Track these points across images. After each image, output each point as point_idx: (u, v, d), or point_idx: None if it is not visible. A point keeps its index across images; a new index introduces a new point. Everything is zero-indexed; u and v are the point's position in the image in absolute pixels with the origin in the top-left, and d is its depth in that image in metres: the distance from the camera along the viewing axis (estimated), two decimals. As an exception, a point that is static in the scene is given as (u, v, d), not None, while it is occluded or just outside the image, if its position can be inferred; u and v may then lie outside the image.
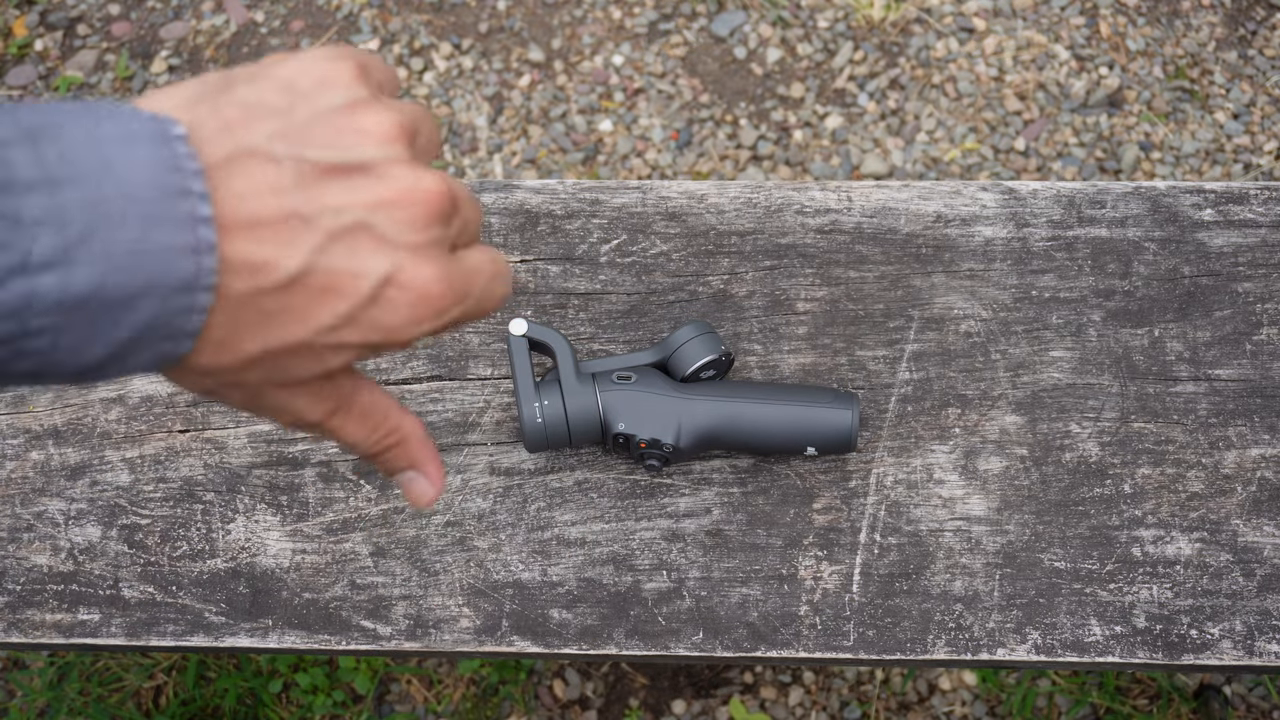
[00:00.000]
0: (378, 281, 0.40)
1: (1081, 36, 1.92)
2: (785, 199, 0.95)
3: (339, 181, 0.40)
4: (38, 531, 0.87)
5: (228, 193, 0.38)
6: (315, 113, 0.40)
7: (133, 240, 0.36)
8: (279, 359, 0.41)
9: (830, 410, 0.81)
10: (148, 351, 0.38)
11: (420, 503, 0.49)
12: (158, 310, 0.37)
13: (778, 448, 0.82)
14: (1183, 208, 0.94)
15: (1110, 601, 0.83)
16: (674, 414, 0.80)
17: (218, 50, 1.95)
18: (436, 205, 0.41)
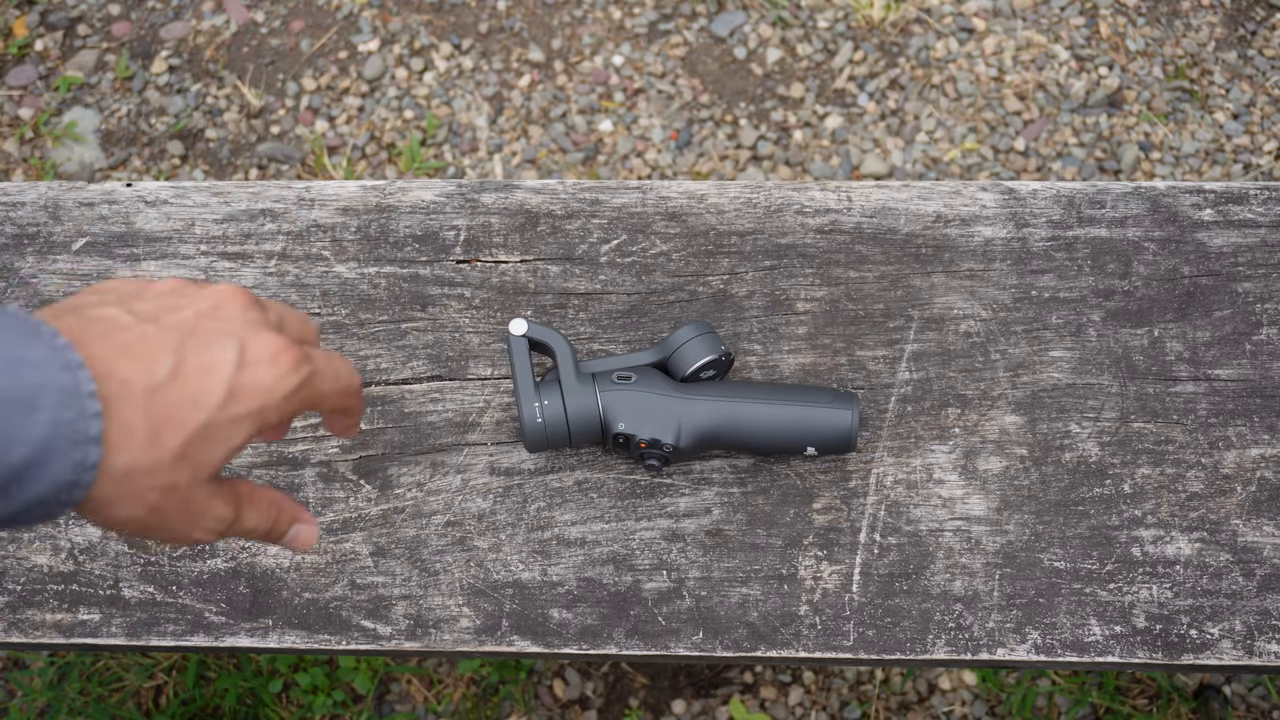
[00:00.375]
0: (236, 354, 0.50)
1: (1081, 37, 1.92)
2: (785, 199, 0.95)
3: (171, 302, 0.51)
4: (38, 531, 0.87)
5: (89, 336, 0.48)
6: (157, 294, 0.52)
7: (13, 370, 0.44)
8: (195, 445, 0.49)
9: (830, 410, 0.81)
10: (64, 459, 0.45)
11: (310, 542, 0.59)
12: (55, 413, 0.45)
13: (778, 448, 0.83)
14: (1182, 208, 0.94)
15: (1110, 601, 0.83)
16: (674, 414, 0.80)
17: (218, 50, 1.95)
18: (244, 296, 0.53)
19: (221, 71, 1.93)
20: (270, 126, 1.90)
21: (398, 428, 0.88)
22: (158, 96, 1.92)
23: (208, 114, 1.90)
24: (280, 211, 0.96)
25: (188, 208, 0.96)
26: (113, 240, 0.95)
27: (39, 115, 1.91)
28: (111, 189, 0.97)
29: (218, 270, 0.93)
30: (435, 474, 0.87)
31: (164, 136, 1.89)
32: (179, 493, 0.50)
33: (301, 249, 0.94)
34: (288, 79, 1.92)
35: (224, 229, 0.95)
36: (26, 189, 0.98)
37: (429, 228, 0.94)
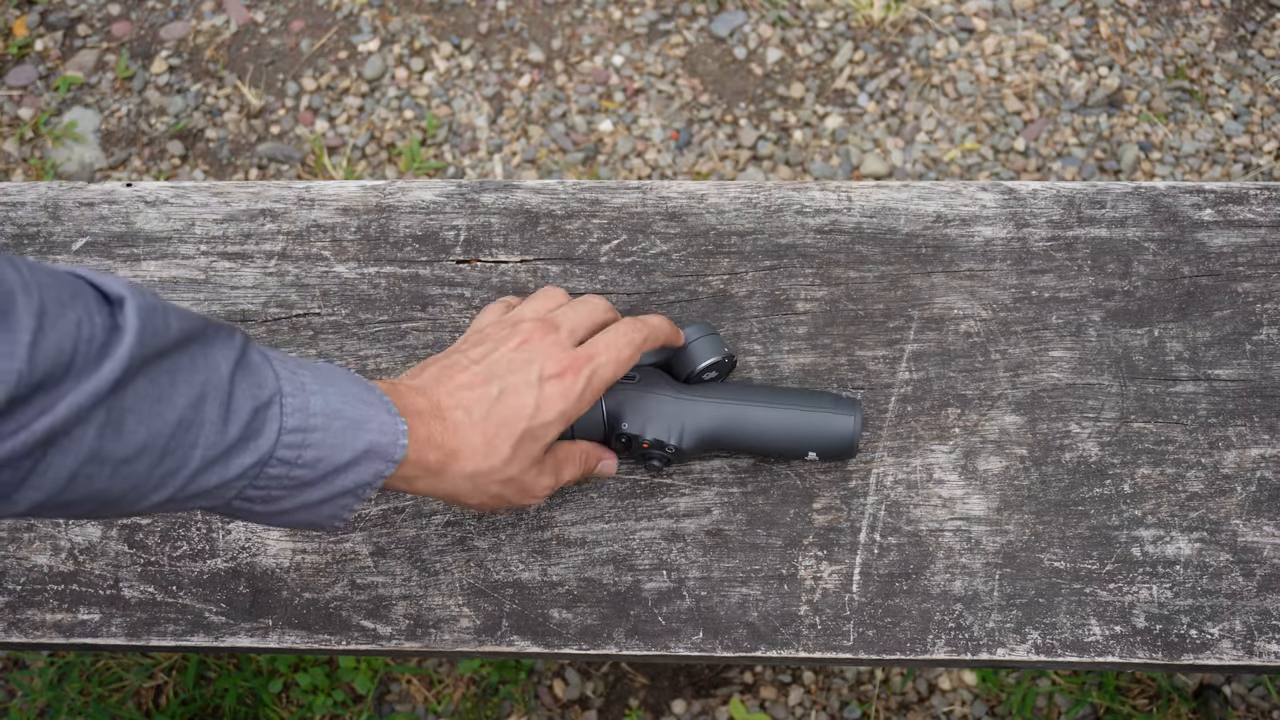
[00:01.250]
0: (536, 376, 0.72)
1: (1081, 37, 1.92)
2: (785, 199, 0.95)
3: (494, 340, 0.74)
4: (38, 531, 0.87)
5: (437, 389, 0.71)
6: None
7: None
8: (521, 446, 0.71)
9: (833, 417, 0.81)
10: (370, 467, 0.64)
11: (612, 471, 0.82)
12: (377, 436, 0.64)
13: (779, 452, 0.83)
14: (1182, 208, 0.94)
15: (1110, 601, 0.83)
16: (677, 416, 0.80)
17: (218, 50, 1.95)
18: (540, 327, 0.74)
19: (221, 71, 1.93)
20: (270, 126, 1.90)
21: (398, 428, 0.88)
22: (158, 96, 1.92)
23: (208, 114, 1.90)
24: (280, 211, 0.96)
25: (188, 208, 0.96)
26: (113, 240, 0.95)
27: (39, 115, 1.91)
28: (111, 189, 0.97)
29: (217, 270, 0.94)
30: (435, 474, 0.87)
31: (164, 136, 1.89)
32: (515, 481, 0.72)
33: (301, 249, 0.94)
34: (288, 79, 1.92)
35: (224, 229, 0.95)
36: (26, 189, 0.98)
37: (429, 228, 0.94)
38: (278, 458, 0.60)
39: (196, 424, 0.57)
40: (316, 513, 0.64)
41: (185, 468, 0.57)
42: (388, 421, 0.65)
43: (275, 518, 0.64)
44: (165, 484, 0.57)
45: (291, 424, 0.60)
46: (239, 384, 0.59)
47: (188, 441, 0.56)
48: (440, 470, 0.69)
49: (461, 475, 0.69)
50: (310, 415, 0.61)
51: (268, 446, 0.59)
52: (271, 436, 0.60)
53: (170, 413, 0.55)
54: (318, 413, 0.62)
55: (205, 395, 0.57)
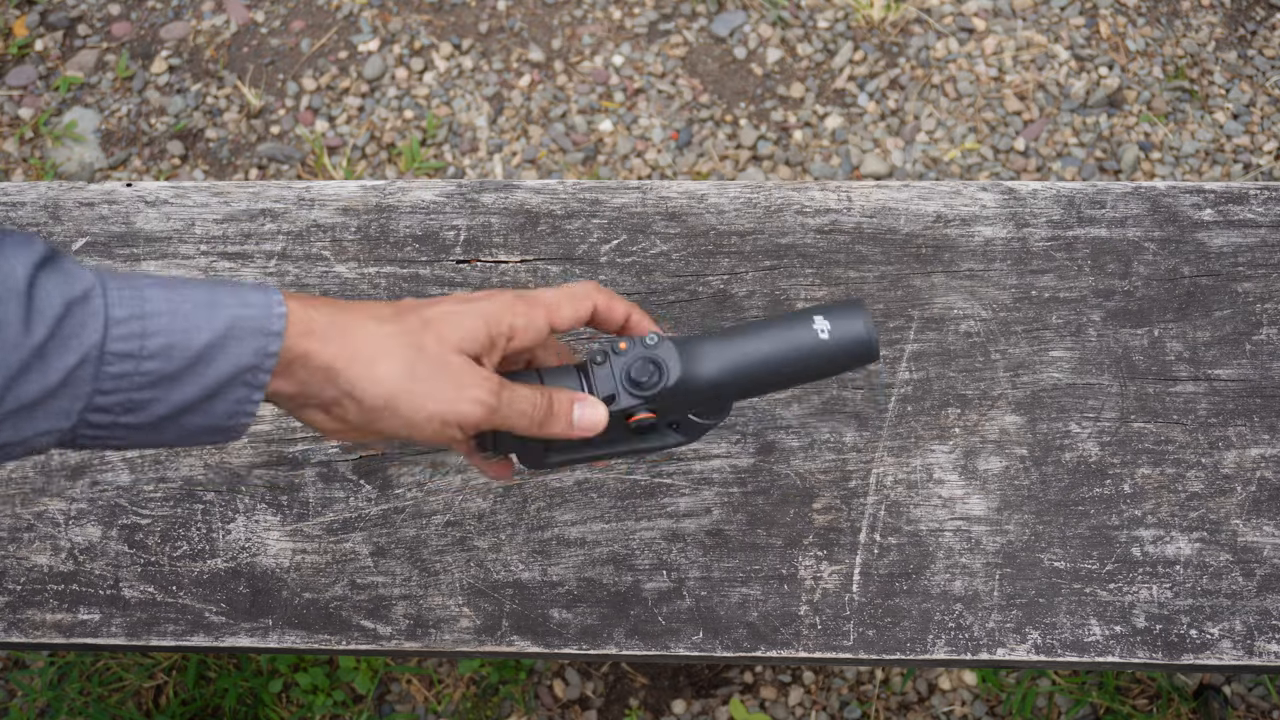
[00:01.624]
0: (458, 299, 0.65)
1: (1081, 37, 1.92)
2: (785, 199, 0.95)
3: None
4: (38, 531, 0.87)
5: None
6: None
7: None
8: (435, 321, 0.62)
9: (841, 320, 0.70)
10: (245, 345, 0.57)
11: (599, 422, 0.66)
12: (238, 311, 0.57)
13: (796, 374, 0.71)
14: (1182, 208, 0.94)
15: (1110, 601, 0.83)
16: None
17: (218, 50, 1.95)
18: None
19: (221, 71, 1.93)
20: (270, 126, 1.90)
21: (398, 428, 0.88)
22: (158, 96, 1.92)
23: (208, 114, 1.90)
24: (280, 211, 0.96)
25: (188, 208, 0.96)
26: (113, 240, 0.95)
27: (39, 115, 1.91)
28: (111, 189, 0.97)
29: (218, 270, 0.94)
30: (435, 474, 0.87)
31: (164, 136, 1.89)
32: (429, 352, 0.62)
33: (301, 249, 0.94)
34: (288, 79, 1.92)
35: (224, 229, 0.95)
36: (26, 189, 0.98)
37: (429, 228, 0.94)
38: (113, 352, 0.55)
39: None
40: (207, 414, 0.58)
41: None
42: (253, 295, 0.58)
43: (160, 431, 0.58)
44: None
45: (121, 314, 0.55)
46: (42, 282, 0.54)
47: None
48: (320, 349, 0.60)
49: (354, 334, 0.60)
50: (146, 302, 0.55)
51: (94, 340, 0.54)
52: (96, 330, 0.54)
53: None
54: (156, 299, 0.56)
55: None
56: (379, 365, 0.61)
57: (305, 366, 0.60)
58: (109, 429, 0.57)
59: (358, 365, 0.60)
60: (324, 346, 0.60)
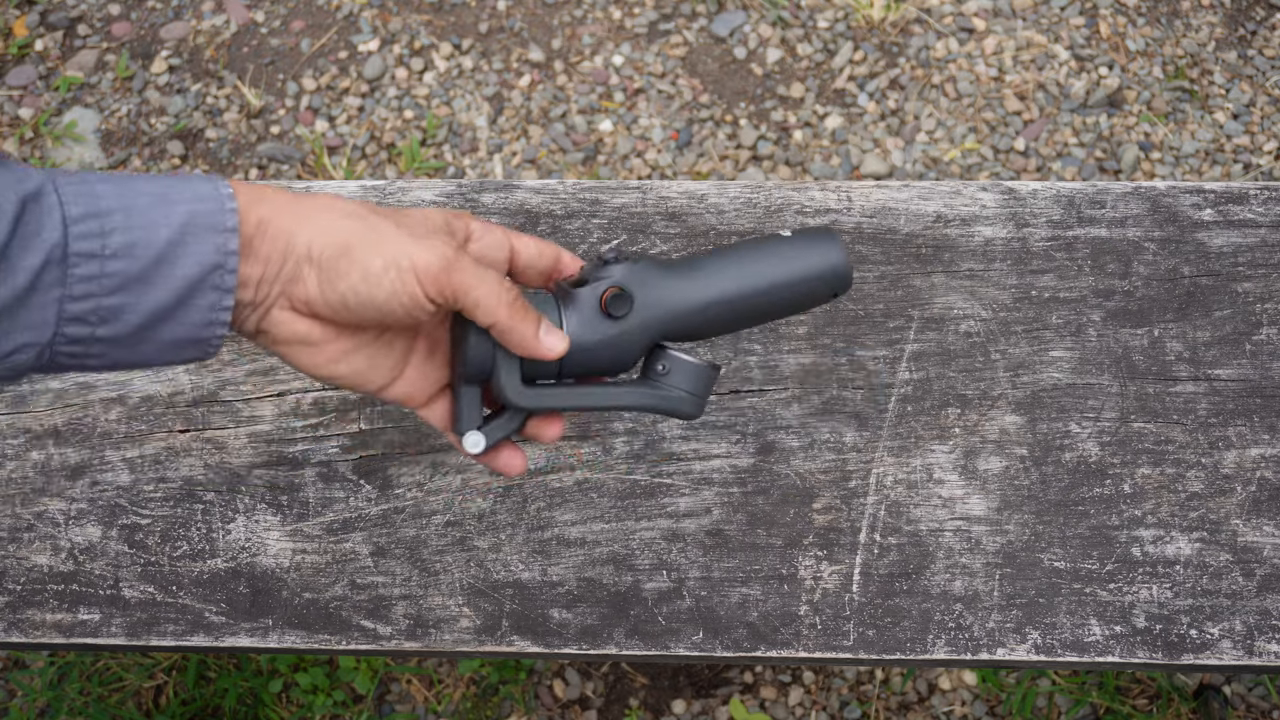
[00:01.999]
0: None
1: (1081, 37, 1.92)
2: (785, 199, 0.95)
3: None
4: (38, 531, 0.87)
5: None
6: None
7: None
8: (381, 211, 0.61)
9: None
10: (205, 242, 0.55)
11: (559, 348, 0.63)
12: (192, 205, 0.56)
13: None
14: (1182, 208, 0.94)
15: (1110, 601, 0.83)
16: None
17: (218, 50, 1.95)
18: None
19: (221, 71, 1.93)
20: (270, 126, 1.90)
21: (398, 428, 0.88)
22: (158, 96, 1.92)
23: (208, 114, 1.90)
24: (280, 211, 0.96)
25: (188, 208, 0.96)
26: (113, 240, 0.95)
27: (39, 115, 1.91)
28: (111, 189, 0.97)
29: (218, 270, 0.93)
30: (435, 474, 0.87)
31: (164, 136, 1.89)
32: (384, 214, 0.60)
33: (301, 249, 0.94)
34: (288, 79, 1.92)
35: (224, 229, 0.95)
36: (26, 189, 0.98)
37: (429, 228, 0.95)
38: (77, 251, 0.53)
39: None
40: (181, 322, 0.56)
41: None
42: (205, 188, 0.56)
43: (138, 346, 0.57)
44: None
45: (77, 211, 0.53)
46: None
47: None
48: (276, 213, 0.58)
49: (305, 203, 0.59)
50: (100, 199, 0.54)
51: (55, 238, 0.52)
52: (55, 228, 0.52)
53: None
54: (108, 195, 0.54)
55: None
56: (335, 220, 0.59)
57: (263, 236, 0.58)
58: (85, 344, 0.55)
59: (312, 224, 0.58)
60: (278, 213, 0.58)
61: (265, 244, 0.58)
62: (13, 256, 0.51)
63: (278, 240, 0.58)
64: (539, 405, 0.67)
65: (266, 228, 0.58)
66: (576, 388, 0.68)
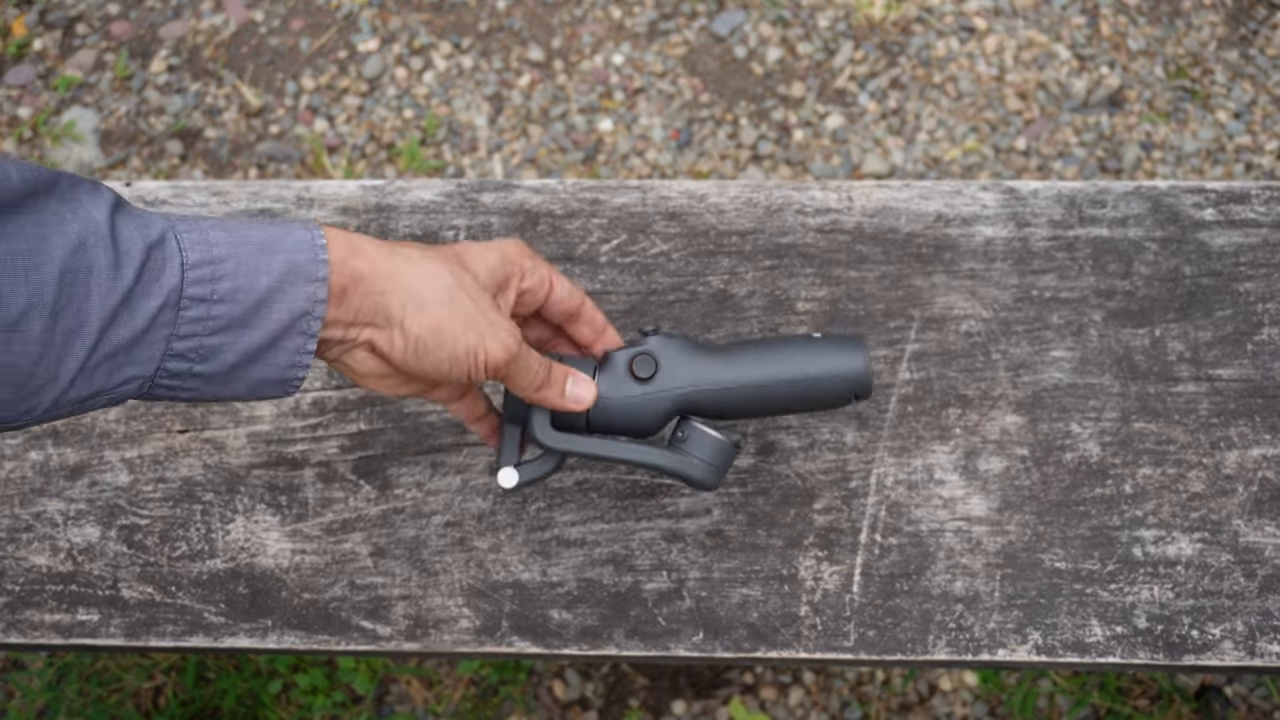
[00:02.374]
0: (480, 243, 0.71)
1: (1082, 36, 1.92)
2: (785, 199, 0.95)
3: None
4: (37, 532, 0.86)
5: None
6: None
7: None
8: (463, 257, 0.68)
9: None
10: (299, 291, 0.60)
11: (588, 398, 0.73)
12: (292, 255, 0.60)
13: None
14: (1184, 207, 0.94)
15: (1111, 602, 0.82)
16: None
17: (217, 50, 1.95)
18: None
19: (221, 71, 1.93)
20: (269, 126, 1.89)
21: (398, 428, 0.88)
22: (157, 96, 1.92)
23: (207, 113, 1.90)
24: (279, 211, 0.95)
25: (187, 207, 0.96)
26: (111, 240, 0.95)
27: (38, 115, 1.91)
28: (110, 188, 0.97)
29: (217, 270, 0.93)
30: (435, 474, 0.87)
31: (163, 136, 1.89)
32: (467, 283, 0.66)
33: (301, 249, 0.94)
34: (287, 78, 1.92)
35: (223, 229, 0.95)
36: (25, 188, 0.97)
37: (429, 227, 0.94)
38: (189, 295, 0.57)
39: (84, 272, 0.54)
40: (271, 363, 0.61)
41: (86, 323, 0.55)
42: (302, 236, 0.61)
43: (229, 380, 0.61)
44: (71, 345, 0.55)
45: (194, 257, 0.58)
46: (121, 226, 0.56)
47: (79, 293, 0.54)
48: (373, 270, 0.63)
49: (398, 266, 0.64)
50: (213, 246, 0.58)
51: (173, 283, 0.57)
52: (175, 273, 0.57)
53: (49, 265, 0.53)
54: (220, 242, 0.59)
55: (84, 242, 0.55)
56: (425, 291, 0.64)
57: (357, 290, 0.63)
58: (182, 378, 0.60)
59: (405, 290, 0.64)
60: (374, 271, 0.63)
61: (358, 298, 0.63)
62: (135, 300, 0.56)
63: (370, 297, 0.63)
64: (564, 448, 0.74)
65: (361, 283, 0.63)
66: (600, 439, 0.75)
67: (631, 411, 0.75)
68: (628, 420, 0.75)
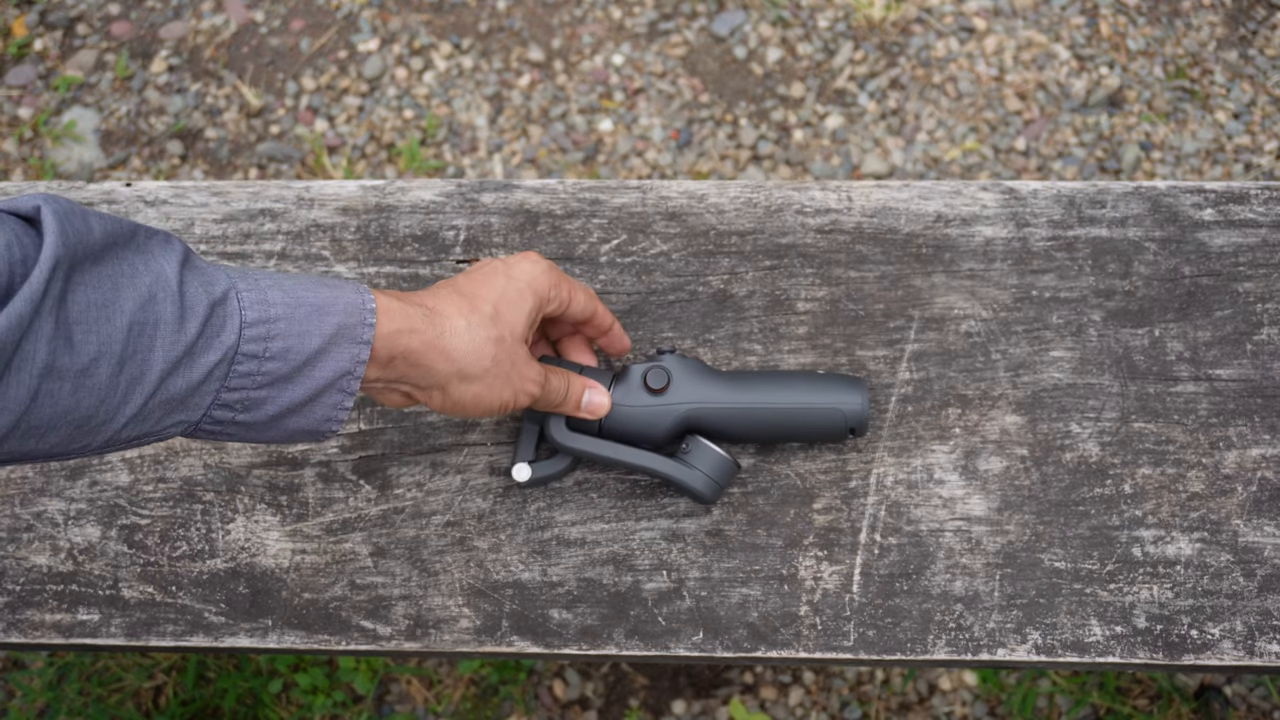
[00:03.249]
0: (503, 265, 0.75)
1: (1082, 36, 1.92)
2: (785, 199, 0.95)
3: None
4: (37, 531, 0.86)
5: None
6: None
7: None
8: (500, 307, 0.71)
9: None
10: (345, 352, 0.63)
11: (604, 408, 0.80)
12: (343, 318, 0.64)
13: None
14: (1183, 207, 0.94)
15: (1110, 602, 0.83)
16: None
17: (217, 50, 1.95)
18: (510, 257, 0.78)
19: (221, 71, 1.93)
20: (270, 126, 1.89)
21: (398, 428, 0.88)
22: (157, 96, 1.92)
23: (207, 114, 1.90)
24: (280, 211, 0.95)
25: (187, 207, 0.96)
26: (112, 240, 0.95)
27: (38, 115, 1.91)
28: (111, 189, 0.97)
29: (217, 270, 0.93)
30: (435, 474, 0.87)
31: (163, 136, 1.89)
32: (506, 345, 0.71)
33: (301, 249, 0.94)
34: (287, 79, 1.92)
35: (223, 229, 0.95)
36: (25, 189, 0.98)
37: (429, 227, 0.94)
38: (244, 352, 0.60)
39: (151, 325, 0.57)
40: (308, 416, 0.64)
41: (149, 373, 0.57)
42: (353, 300, 0.64)
43: (267, 429, 0.64)
44: (132, 393, 0.57)
45: (252, 316, 0.60)
46: (189, 282, 0.59)
47: (144, 344, 0.57)
48: (424, 348, 0.67)
49: (446, 343, 0.68)
50: (270, 306, 0.61)
51: (231, 340, 0.59)
52: (234, 331, 0.60)
53: (119, 318, 0.56)
54: (277, 302, 0.62)
55: (154, 295, 0.57)
56: (471, 366, 0.69)
57: (407, 361, 0.67)
58: (224, 425, 0.62)
59: (451, 364, 0.69)
60: (424, 348, 0.67)
61: (404, 367, 0.67)
62: (197, 354, 0.59)
63: (416, 368, 0.68)
64: (574, 447, 0.81)
65: (409, 356, 0.67)
66: (609, 442, 0.81)
67: (642, 420, 0.81)
68: (638, 427, 0.81)
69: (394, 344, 0.66)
